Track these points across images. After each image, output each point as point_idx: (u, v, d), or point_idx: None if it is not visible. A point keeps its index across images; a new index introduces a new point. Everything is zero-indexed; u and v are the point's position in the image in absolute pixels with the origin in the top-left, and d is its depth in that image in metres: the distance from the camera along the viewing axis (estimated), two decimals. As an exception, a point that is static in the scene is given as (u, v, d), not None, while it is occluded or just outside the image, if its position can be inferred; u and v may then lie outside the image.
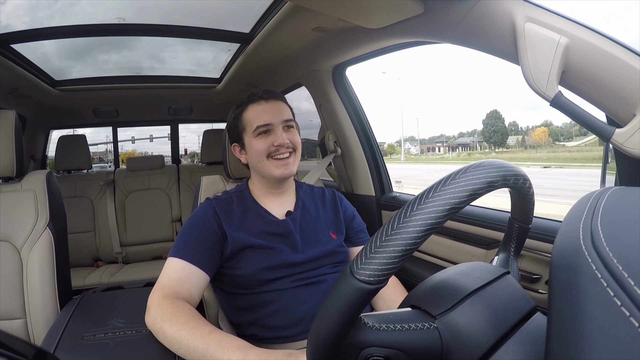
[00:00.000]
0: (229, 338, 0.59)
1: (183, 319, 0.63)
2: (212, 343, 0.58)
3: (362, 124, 1.45)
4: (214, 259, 0.78)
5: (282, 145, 0.83)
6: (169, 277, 0.73)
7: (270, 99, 0.87)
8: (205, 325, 0.62)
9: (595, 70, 0.59)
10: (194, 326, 0.61)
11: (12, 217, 0.97)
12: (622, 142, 0.58)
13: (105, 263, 2.28)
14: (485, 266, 0.46)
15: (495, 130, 34.33)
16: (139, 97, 2.19)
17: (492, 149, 33.49)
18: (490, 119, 35.42)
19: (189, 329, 0.61)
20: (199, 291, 0.75)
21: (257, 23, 1.28)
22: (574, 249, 0.25)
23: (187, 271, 0.74)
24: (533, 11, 0.62)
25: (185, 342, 0.59)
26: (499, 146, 34.22)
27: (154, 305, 0.67)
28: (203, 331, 0.60)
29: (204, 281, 0.76)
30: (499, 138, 34.39)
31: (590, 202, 0.30)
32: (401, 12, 0.84)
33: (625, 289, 0.20)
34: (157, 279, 0.74)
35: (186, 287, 0.72)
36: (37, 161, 2.35)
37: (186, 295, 0.71)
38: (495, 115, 35.24)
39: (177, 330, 0.61)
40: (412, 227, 0.32)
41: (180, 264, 0.74)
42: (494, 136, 34.39)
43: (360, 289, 0.33)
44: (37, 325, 0.92)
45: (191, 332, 0.60)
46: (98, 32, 1.41)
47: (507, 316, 0.39)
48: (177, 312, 0.64)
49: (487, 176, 0.34)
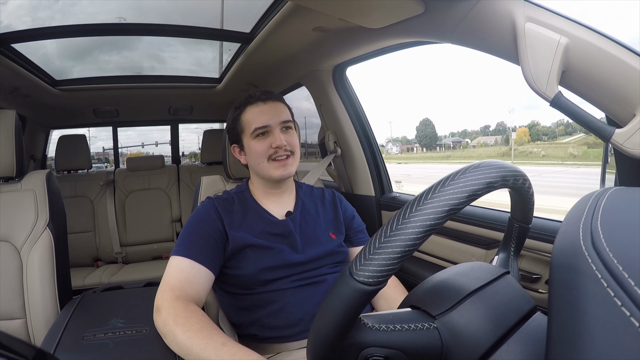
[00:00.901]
0: (242, 352, 0.58)
1: (197, 325, 0.61)
2: (225, 356, 0.56)
3: (362, 124, 1.45)
4: (218, 258, 0.78)
5: (280, 147, 0.83)
6: (177, 277, 0.71)
7: (267, 100, 0.86)
8: (219, 335, 0.61)
9: (596, 70, 0.59)
10: (207, 335, 0.60)
11: (12, 217, 0.97)
12: (622, 143, 0.58)
13: (105, 263, 2.28)
14: (485, 266, 0.46)
15: (425, 135, 42.41)
16: (139, 97, 2.19)
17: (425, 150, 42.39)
18: (422, 125, 42.90)
19: (202, 337, 0.59)
20: (205, 291, 0.74)
21: (258, 23, 1.28)
22: (574, 249, 0.25)
23: (195, 271, 0.73)
24: (533, 11, 0.62)
25: (196, 350, 0.58)
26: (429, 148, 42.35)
27: (165, 306, 0.66)
28: (216, 342, 0.59)
29: (210, 281, 0.75)
30: (428, 141, 42.52)
31: (590, 202, 0.30)
32: (401, 12, 0.84)
33: (625, 289, 0.20)
34: (157, 279, 0.73)
35: (195, 287, 0.71)
36: (37, 161, 2.35)
37: (195, 297, 0.70)
38: (426, 122, 43.02)
39: (190, 337, 0.60)
40: (410, 228, 0.32)
41: (187, 263, 0.73)
42: (423, 139, 42.52)
43: (359, 290, 0.33)
44: (37, 326, 0.92)
45: (204, 342, 0.59)
46: (98, 31, 1.41)
47: (507, 316, 0.39)
48: (191, 318, 0.63)
49: (486, 177, 0.34)
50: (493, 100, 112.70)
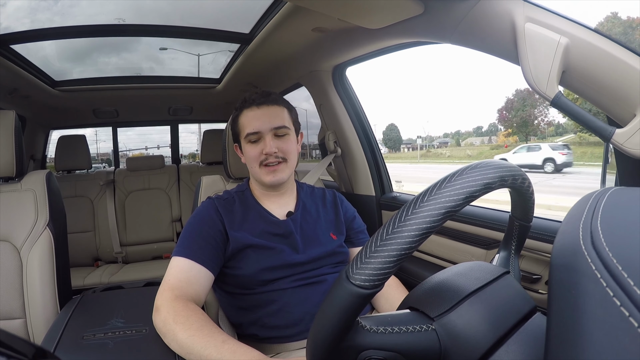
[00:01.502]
0: (243, 349, 0.58)
1: (197, 324, 0.62)
2: (226, 354, 0.57)
3: (362, 124, 1.45)
4: (219, 258, 0.78)
5: (270, 154, 0.82)
6: (177, 277, 0.72)
7: (262, 104, 0.85)
8: (219, 333, 0.61)
9: (596, 71, 0.59)
10: (207, 333, 0.60)
11: (12, 217, 0.97)
12: (622, 143, 0.58)
13: (105, 263, 2.28)
14: (484, 266, 0.46)
15: (389, 138, 47.06)
16: (139, 97, 2.19)
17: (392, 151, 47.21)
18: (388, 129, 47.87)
19: (202, 335, 0.60)
20: (205, 292, 0.74)
21: (257, 23, 1.28)
22: (574, 249, 0.25)
23: (195, 271, 0.73)
24: (533, 11, 0.62)
25: (197, 349, 0.58)
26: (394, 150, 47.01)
27: (165, 305, 0.66)
28: (217, 340, 0.59)
29: (209, 281, 0.76)
30: (392, 144, 47.08)
31: (590, 202, 0.30)
32: (401, 13, 0.84)
33: (624, 289, 0.20)
34: (157, 279, 0.74)
35: (194, 287, 0.71)
36: (37, 161, 2.35)
37: (194, 296, 0.70)
38: (391, 127, 47.94)
39: (190, 335, 0.60)
40: (406, 232, 0.32)
41: (187, 263, 0.74)
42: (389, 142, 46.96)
43: (355, 294, 0.33)
44: (37, 325, 0.92)
45: (205, 340, 0.59)
46: (97, 33, 1.42)
47: (507, 316, 0.39)
48: (191, 317, 0.63)
49: (483, 178, 0.34)
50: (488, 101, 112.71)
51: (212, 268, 0.76)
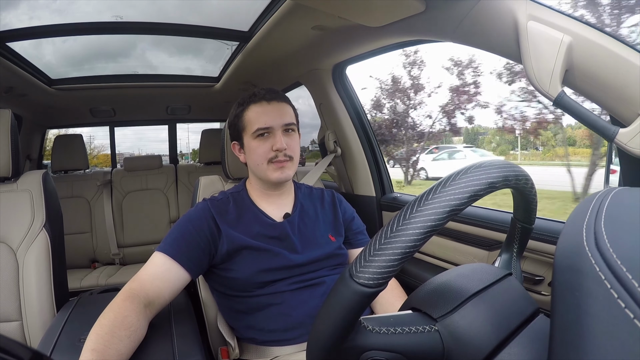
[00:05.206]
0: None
1: (107, 329, 0.59)
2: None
3: (363, 124, 1.45)
4: (200, 259, 0.77)
5: (280, 149, 0.81)
6: (146, 271, 0.72)
7: (272, 100, 0.84)
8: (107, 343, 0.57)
9: (599, 69, 0.59)
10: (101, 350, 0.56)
11: (8, 218, 0.95)
12: (626, 142, 0.57)
13: (102, 264, 2.26)
14: (487, 268, 0.46)
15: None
16: (137, 96, 2.17)
17: None
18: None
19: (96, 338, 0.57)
20: (171, 290, 0.72)
21: (256, 21, 1.27)
22: (577, 250, 0.25)
23: (166, 267, 0.72)
24: (536, 9, 0.62)
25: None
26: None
27: (111, 304, 0.64)
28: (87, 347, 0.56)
29: (181, 280, 0.74)
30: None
31: (594, 203, 0.30)
32: (402, 11, 0.84)
33: (629, 290, 0.20)
34: None
35: (156, 284, 0.70)
36: (33, 161, 2.34)
37: (153, 294, 0.69)
38: None
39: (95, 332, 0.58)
40: (411, 229, 0.32)
41: (161, 258, 0.73)
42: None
43: (359, 293, 0.32)
44: (34, 328, 0.91)
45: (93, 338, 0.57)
46: (95, 30, 1.40)
47: (510, 318, 0.39)
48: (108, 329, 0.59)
49: (488, 177, 0.34)
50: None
51: (190, 268, 0.74)
